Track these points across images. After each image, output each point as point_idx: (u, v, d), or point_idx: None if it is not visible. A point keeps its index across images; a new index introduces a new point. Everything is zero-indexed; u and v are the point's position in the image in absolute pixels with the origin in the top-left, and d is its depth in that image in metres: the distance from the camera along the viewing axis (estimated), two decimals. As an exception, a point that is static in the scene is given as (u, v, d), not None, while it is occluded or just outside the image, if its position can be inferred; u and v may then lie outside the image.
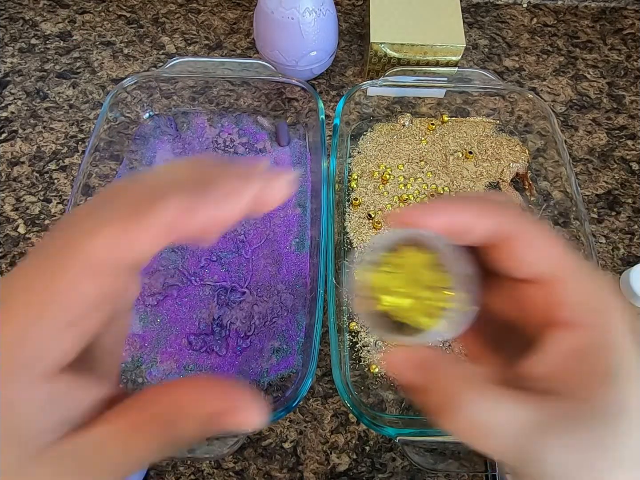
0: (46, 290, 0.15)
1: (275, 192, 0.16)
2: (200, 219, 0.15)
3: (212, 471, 0.45)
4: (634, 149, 0.62)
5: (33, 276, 0.15)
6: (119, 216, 0.15)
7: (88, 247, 0.14)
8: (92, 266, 0.15)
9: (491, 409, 0.15)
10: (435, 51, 0.61)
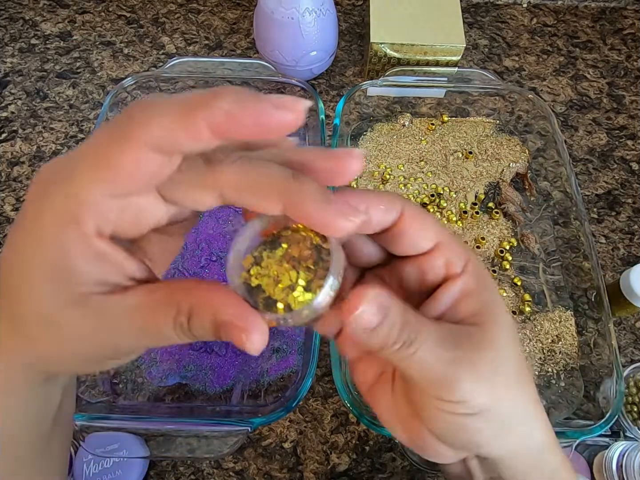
0: (109, 157, 0.16)
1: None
2: (255, 113, 0.15)
3: (212, 471, 0.45)
4: (634, 149, 0.62)
5: (100, 144, 0.17)
6: (177, 108, 0.16)
7: (150, 126, 0.15)
8: (152, 142, 0.16)
9: (433, 333, 0.19)
10: (435, 51, 0.61)
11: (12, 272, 0.18)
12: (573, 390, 0.46)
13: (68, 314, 0.18)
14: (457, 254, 0.21)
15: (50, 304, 0.17)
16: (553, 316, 0.49)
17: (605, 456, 0.44)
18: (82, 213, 0.16)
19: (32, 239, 0.17)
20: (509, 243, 0.53)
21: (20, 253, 0.18)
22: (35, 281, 0.17)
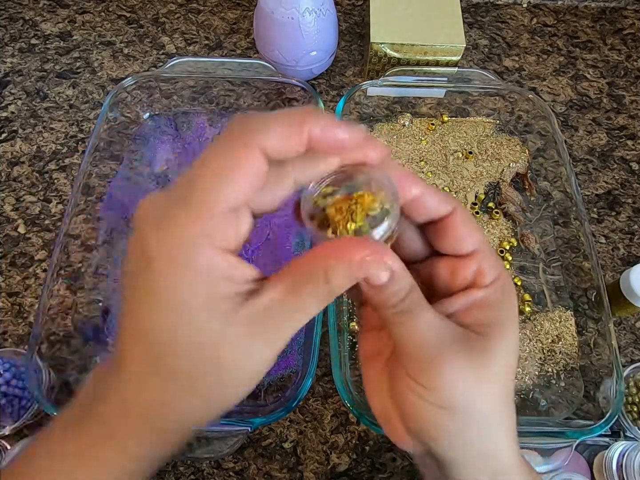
0: (231, 163, 0.18)
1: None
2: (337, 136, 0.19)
3: (212, 471, 0.45)
4: (634, 149, 0.62)
5: (217, 160, 0.18)
6: (287, 120, 0.18)
7: (268, 133, 0.18)
8: (268, 148, 0.18)
9: (431, 318, 0.21)
10: (435, 51, 0.61)
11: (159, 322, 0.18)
12: (573, 390, 0.46)
13: (231, 333, 0.18)
14: (491, 265, 0.22)
15: (214, 328, 0.18)
16: (553, 316, 0.49)
17: (605, 456, 0.44)
18: (214, 232, 0.18)
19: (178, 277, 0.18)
20: (509, 243, 0.53)
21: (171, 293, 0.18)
22: (197, 321, 0.18)
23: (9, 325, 0.50)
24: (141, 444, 0.20)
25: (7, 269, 0.53)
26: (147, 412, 0.19)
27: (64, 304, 0.47)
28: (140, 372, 0.19)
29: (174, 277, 0.18)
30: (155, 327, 0.18)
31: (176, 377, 0.19)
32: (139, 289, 0.18)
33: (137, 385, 0.19)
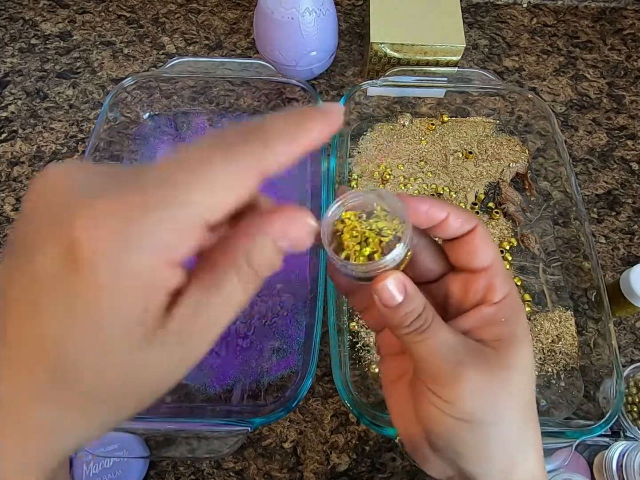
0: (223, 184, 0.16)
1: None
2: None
3: (212, 471, 0.45)
4: (634, 149, 0.62)
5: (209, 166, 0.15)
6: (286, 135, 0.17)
7: (265, 151, 0.16)
8: (266, 168, 0.16)
9: (446, 334, 0.21)
10: (435, 51, 0.61)
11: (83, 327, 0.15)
12: (573, 390, 0.46)
13: (143, 357, 0.16)
14: (502, 281, 0.23)
15: (132, 341, 0.15)
16: (553, 316, 0.49)
17: (605, 456, 0.44)
18: (175, 245, 0.15)
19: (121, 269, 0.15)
20: (509, 243, 0.53)
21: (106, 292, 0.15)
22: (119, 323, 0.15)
23: (9, 325, 0.50)
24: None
25: (7, 269, 0.52)
26: (28, 435, 0.16)
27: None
28: (30, 387, 0.15)
29: (104, 292, 0.14)
30: (62, 341, 0.15)
31: (74, 397, 0.16)
32: (49, 290, 0.14)
33: (21, 400, 0.16)
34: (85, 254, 0.14)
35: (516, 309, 0.23)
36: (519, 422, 0.22)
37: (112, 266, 0.14)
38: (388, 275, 0.21)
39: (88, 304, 0.14)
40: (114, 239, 0.14)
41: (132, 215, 0.14)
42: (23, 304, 0.15)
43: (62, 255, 0.14)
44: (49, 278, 0.14)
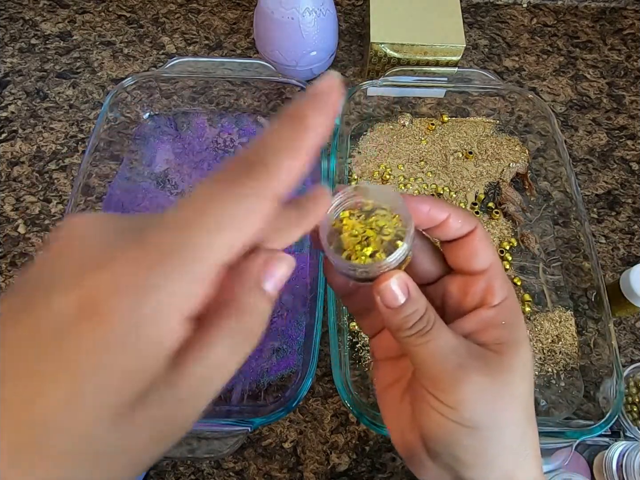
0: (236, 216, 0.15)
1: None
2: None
3: (212, 471, 0.45)
4: (634, 149, 0.62)
5: (217, 206, 0.15)
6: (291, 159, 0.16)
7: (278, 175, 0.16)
8: (280, 192, 0.16)
9: (448, 337, 0.21)
10: (435, 51, 0.61)
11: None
12: (573, 390, 0.46)
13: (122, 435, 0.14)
14: (500, 284, 0.23)
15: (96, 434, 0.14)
16: (553, 316, 0.49)
17: (605, 456, 0.44)
18: (189, 298, 0.14)
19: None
20: (509, 243, 0.53)
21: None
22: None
23: (9, 325, 0.50)
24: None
25: (7, 269, 0.53)
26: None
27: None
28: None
29: (109, 347, 0.14)
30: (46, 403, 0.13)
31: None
32: (54, 335, 0.14)
33: None
34: (101, 309, 0.14)
35: (515, 311, 0.23)
36: (521, 426, 0.22)
37: (124, 322, 0.14)
38: (391, 275, 0.21)
39: (92, 353, 0.14)
40: (128, 296, 0.14)
41: (147, 274, 0.14)
42: (21, 349, 0.14)
43: (77, 307, 0.14)
44: (59, 325, 0.14)
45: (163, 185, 0.56)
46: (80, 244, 0.15)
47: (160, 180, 0.56)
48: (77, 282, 0.14)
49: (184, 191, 0.55)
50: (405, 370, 0.24)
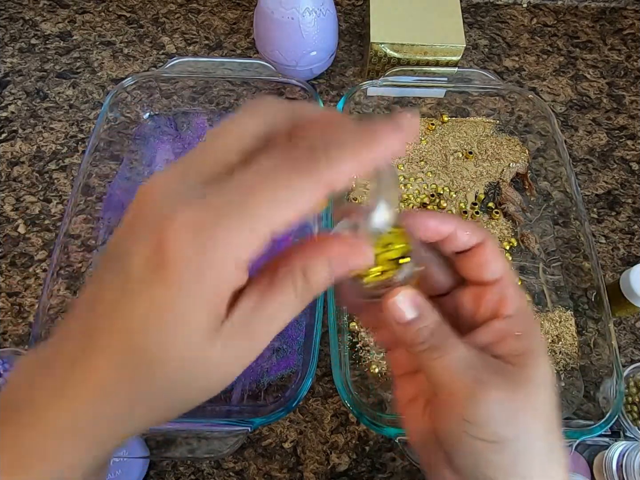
0: (293, 196, 0.17)
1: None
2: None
3: (212, 471, 0.45)
4: (634, 149, 0.62)
5: (281, 187, 0.17)
6: (352, 154, 0.18)
7: (336, 169, 0.17)
8: (332, 184, 0.17)
9: (462, 351, 0.21)
10: (435, 51, 0.61)
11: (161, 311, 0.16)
12: (573, 390, 0.46)
13: (212, 353, 0.17)
14: (513, 294, 0.23)
15: (203, 338, 0.17)
16: (553, 316, 0.49)
17: (605, 456, 0.44)
18: (248, 252, 0.17)
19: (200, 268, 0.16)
20: (509, 243, 0.53)
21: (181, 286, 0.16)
22: (195, 315, 0.16)
23: (9, 325, 0.50)
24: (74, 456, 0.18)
25: (7, 269, 0.53)
26: (94, 427, 0.17)
27: (64, 304, 0.47)
28: (109, 379, 0.17)
29: (182, 288, 0.16)
30: (145, 335, 0.16)
31: (146, 389, 0.17)
32: (137, 286, 0.16)
33: (100, 392, 0.17)
34: (170, 254, 0.16)
35: (530, 321, 0.23)
36: (546, 437, 0.21)
37: (190, 265, 0.16)
38: (399, 291, 0.21)
39: (167, 298, 0.16)
40: (194, 242, 0.16)
41: (210, 223, 0.16)
42: (109, 302, 0.17)
43: (150, 256, 0.16)
44: (138, 276, 0.16)
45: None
46: (155, 200, 0.17)
47: (160, 180, 0.56)
48: (149, 234, 0.16)
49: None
50: (425, 386, 0.24)
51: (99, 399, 0.17)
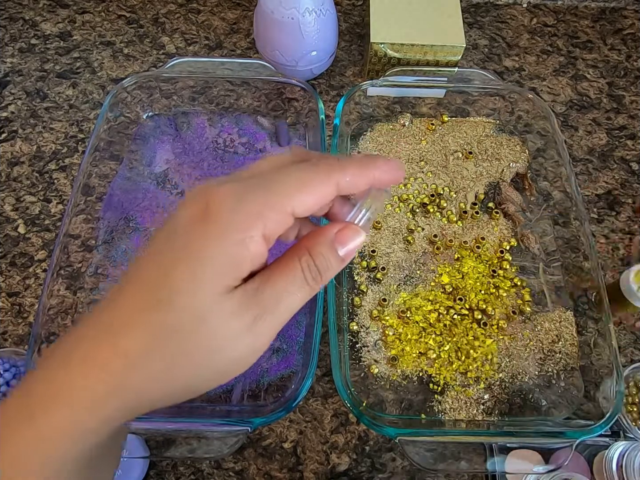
0: (313, 186, 0.21)
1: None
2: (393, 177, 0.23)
3: (212, 471, 0.45)
4: (634, 149, 0.62)
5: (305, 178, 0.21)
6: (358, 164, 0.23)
7: (344, 173, 0.22)
8: (341, 183, 0.22)
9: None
10: (435, 51, 0.61)
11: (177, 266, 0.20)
12: (573, 390, 0.46)
13: (222, 307, 0.20)
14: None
15: (212, 298, 0.20)
16: (553, 316, 0.49)
17: (605, 456, 0.44)
18: (273, 226, 0.20)
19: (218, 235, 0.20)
20: (509, 243, 0.53)
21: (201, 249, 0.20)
22: (208, 273, 0.19)
23: (9, 325, 0.50)
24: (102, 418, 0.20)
25: (7, 269, 0.53)
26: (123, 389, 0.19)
27: (64, 304, 0.47)
28: (143, 346, 0.19)
29: (217, 237, 0.20)
30: (173, 269, 0.20)
31: (178, 355, 0.20)
32: (180, 233, 0.20)
33: (130, 361, 0.19)
34: (212, 209, 0.20)
35: None
36: None
37: (227, 221, 0.20)
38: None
39: (201, 242, 0.20)
40: (232, 202, 0.20)
41: (246, 192, 0.20)
42: (153, 252, 0.21)
43: (196, 212, 0.20)
44: (182, 229, 0.20)
45: (163, 185, 0.56)
46: (207, 184, 0.21)
47: (160, 180, 0.56)
48: (197, 196, 0.21)
49: (184, 191, 0.55)
50: None
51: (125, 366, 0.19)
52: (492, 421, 0.44)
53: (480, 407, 0.45)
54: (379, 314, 0.48)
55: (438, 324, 0.48)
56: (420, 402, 0.46)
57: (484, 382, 0.46)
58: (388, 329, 0.47)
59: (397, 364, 0.46)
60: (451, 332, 0.48)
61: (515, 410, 0.45)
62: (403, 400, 0.46)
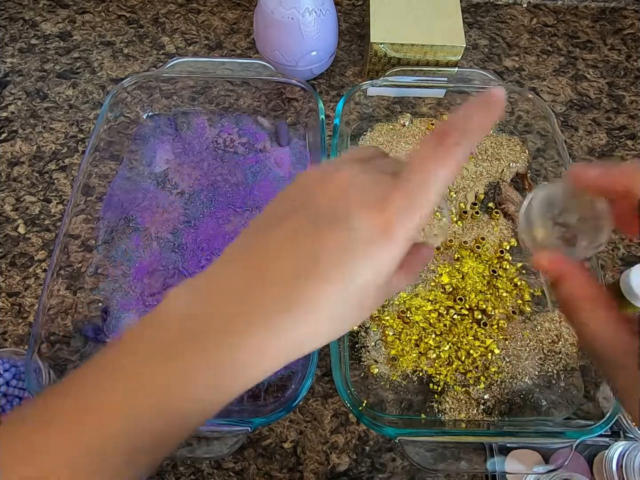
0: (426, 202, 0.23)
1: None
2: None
3: (212, 471, 0.45)
4: (634, 149, 0.62)
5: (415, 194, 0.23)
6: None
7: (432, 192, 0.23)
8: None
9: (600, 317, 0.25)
10: (435, 51, 0.61)
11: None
12: (573, 390, 0.46)
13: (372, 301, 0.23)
14: None
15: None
16: (553, 316, 0.49)
17: (605, 456, 0.44)
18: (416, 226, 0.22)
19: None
20: (509, 243, 0.53)
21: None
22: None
23: (9, 325, 0.50)
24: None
25: (7, 269, 0.53)
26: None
27: (64, 304, 0.47)
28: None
29: (391, 255, 0.22)
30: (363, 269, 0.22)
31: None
32: (360, 245, 0.22)
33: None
34: (394, 231, 0.22)
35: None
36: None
37: (404, 233, 0.22)
38: None
39: (384, 253, 0.22)
40: (405, 219, 0.22)
41: (412, 209, 0.22)
42: (335, 256, 0.22)
43: (379, 224, 0.22)
44: (365, 237, 0.22)
45: (163, 185, 0.56)
46: (354, 187, 0.23)
47: (160, 180, 0.56)
48: (378, 207, 0.22)
49: (184, 191, 0.55)
50: None
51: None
52: (492, 421, 0.44)
53: (480, 407, 0.45)
54: (378, 314, 0.48)
55: (438, 324, 0.48)
56: (420, 402, 0.46)
57: (484, 382, 0.46)
58: (388, 329, 0.47)
59: (397, 364, 0.46)
60: (451, 332, 0.48)
61: (515, 411, 0.45)
62: (403, 400, 0.46)
